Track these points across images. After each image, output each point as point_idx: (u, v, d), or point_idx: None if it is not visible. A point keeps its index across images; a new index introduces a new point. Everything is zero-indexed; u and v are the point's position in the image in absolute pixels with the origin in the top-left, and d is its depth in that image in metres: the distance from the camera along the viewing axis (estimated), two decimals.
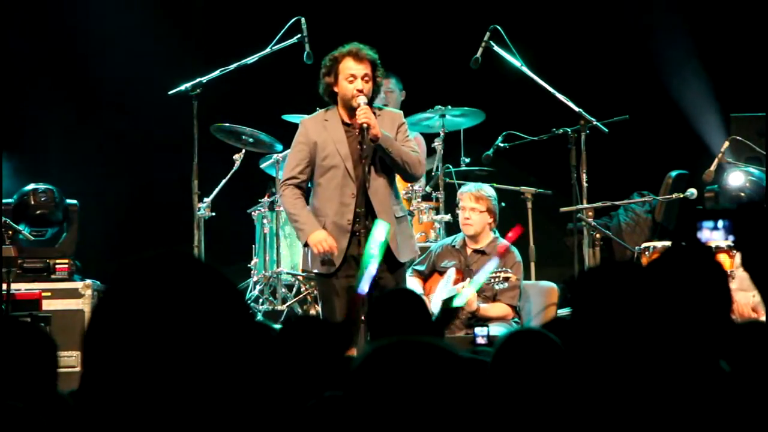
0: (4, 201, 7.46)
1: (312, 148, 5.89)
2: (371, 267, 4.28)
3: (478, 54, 7.07)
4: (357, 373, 1.64)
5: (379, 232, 4.66)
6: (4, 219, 7.15)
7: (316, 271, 5.93)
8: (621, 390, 2.20)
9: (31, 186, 7.75)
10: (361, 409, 1.62)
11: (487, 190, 6.89)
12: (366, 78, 5.78)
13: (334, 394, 2.24)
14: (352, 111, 5.80)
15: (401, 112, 6.17)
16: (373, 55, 5.84)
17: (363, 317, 4.77)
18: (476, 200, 6.77)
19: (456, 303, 5.62)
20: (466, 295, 6.41)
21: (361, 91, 5.75)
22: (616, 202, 7.69)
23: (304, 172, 5.91)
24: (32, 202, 7.64)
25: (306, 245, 5.86)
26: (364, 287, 4.12)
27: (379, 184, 5.84)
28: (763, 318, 6.20)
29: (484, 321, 6.50)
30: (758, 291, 2.27)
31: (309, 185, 5.98)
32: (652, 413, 2.16)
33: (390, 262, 5.78)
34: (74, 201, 7.89)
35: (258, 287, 7.51)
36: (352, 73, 5.77)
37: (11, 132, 8.17)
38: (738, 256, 6.07)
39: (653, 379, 2.17)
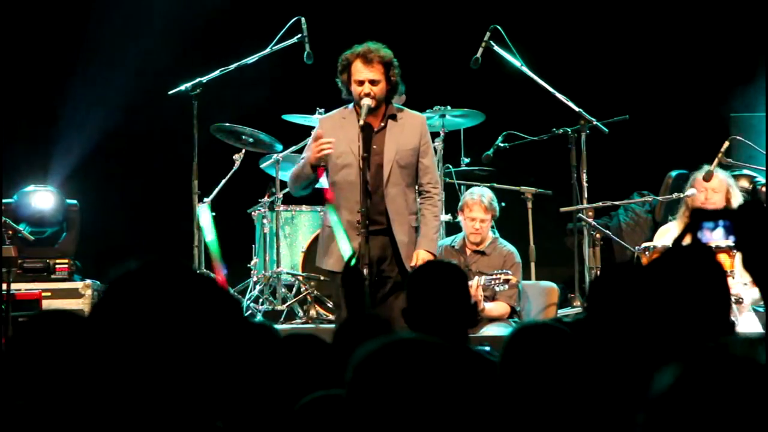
0: (4, 201, 7.45)
1: None
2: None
3: (478, 54, 7.07)
4: (359, 373, 1.63)
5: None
6: (4, 219, 7.15)
7: (328, 268, 6.00)
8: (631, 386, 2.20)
9: (31, 186, 7.75)
10: (365, 409, 1.61)
11: (491, 194, 6.92)
12: (374, 82, 5.84)
13: (327, 393, 2.24)
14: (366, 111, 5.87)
15: (424, 117, 6.21)
16: (386, 56, 5.88)
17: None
18: (486, 211, 6.81)
19: None
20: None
21: (368, 95, 5.82)
22: (616, 202, 7.68)
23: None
24: (32, 203, 7.64)
25: (314, 168, 5.87)
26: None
27: (397, 191, 5.91)
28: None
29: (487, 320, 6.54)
30: (759, 291, 2.27)
31: (318, 185, 6.11)
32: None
33: (401, 266, 5.90)
34: (74, 201, 7.88)
35: (258, 287, 7.49)
36: (359, 78, 5.85)
37: (11, 131, 8.17)
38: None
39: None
